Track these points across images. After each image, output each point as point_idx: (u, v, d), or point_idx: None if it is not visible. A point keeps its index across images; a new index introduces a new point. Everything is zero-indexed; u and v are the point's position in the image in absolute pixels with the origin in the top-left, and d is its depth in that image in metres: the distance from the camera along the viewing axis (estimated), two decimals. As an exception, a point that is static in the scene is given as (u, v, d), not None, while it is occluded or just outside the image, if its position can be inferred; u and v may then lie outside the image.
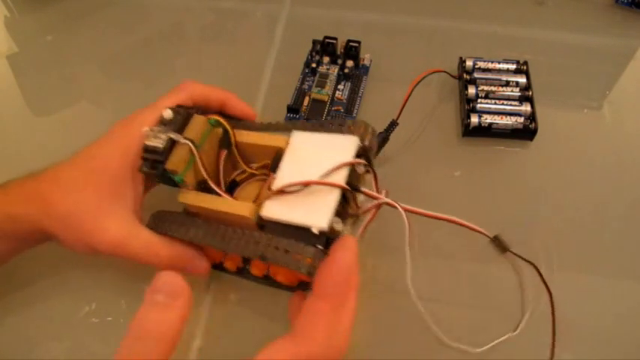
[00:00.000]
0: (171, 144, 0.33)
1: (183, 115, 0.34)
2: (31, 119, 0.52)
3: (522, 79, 0.47)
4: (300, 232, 0.30)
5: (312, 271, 0.29)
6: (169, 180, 0.34)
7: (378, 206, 0.32)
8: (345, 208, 0.32)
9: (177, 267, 0.33)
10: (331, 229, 0.30)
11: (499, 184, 0.44)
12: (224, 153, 0.35)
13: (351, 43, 0.50)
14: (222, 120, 0.35)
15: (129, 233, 0.33)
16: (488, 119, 0.45)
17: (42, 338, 0.38)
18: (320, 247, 0.30)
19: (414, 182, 0.44)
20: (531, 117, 0.45)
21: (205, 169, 0.33)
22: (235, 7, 0.59)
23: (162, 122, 0.33)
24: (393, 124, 0.43)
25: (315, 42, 0.51)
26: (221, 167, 0.35)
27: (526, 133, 0.45)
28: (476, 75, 0.48)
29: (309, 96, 0.48)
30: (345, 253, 0.29)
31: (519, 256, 0.38)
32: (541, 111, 0.45)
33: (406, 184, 0.44)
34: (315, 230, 0.30)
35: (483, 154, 0.46)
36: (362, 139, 0.32)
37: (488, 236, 0.37)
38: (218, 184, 0.34)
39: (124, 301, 0.39)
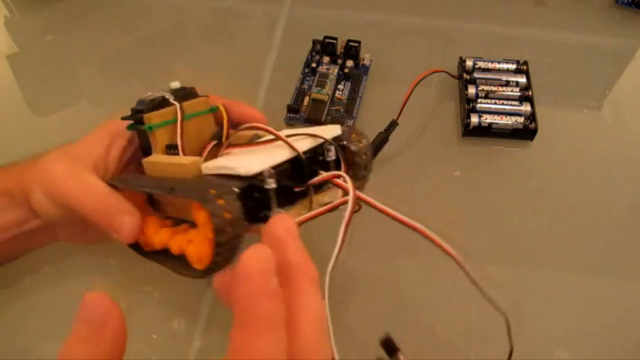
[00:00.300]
0: (162, 102, 0.33)
1: (188, 92, 0.35)
2: (31, 119, 0.52)
3: (522, 79, 0.47)
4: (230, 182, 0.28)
5: (209, 200, 0.25)
6: (145, 137, 0.34)
7: (341, 202, 0.28)
8: (299, 197, 0.29)
9: (107, 215, 0.32)
10: (260, 181, 0.27)
11: (499, 184, 0.44)
12: (212, 143, 0.35)
13: (351, 43, 0.50)
14: (222, 107, 0.35)
15: (68, 171, 0.33)
16: (488, 119, 0.45)
17: (41, 338, 0.37)
18: (235, 189, 0.26)
19: (414, 182, 0.44)
20: (531, 117, 0.45)
21: (182, 136, 0.33)
22: (235, 7, 0.59)
23: (167, 90, 0.35)
24: (393, 124, 0.44)
25: (315, 42, 0.51)
26: (204, 155, 0.35)
27: (526, 133, 0.45)
28: (476, 75, 0.48)
29: (309, 96, 0.48)
30: (255, 255, 0.20)
31: (493, 304, 0.26)
32: (541, 111, 0.45)
33: (406, 184, 0.44)
34: (240, 171, 0.27)
35: (483, 154, 0.46)
36: (348, 140, 0.31)
37: (453, 256, 0.25)
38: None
39: (124, 302, 0.39)
